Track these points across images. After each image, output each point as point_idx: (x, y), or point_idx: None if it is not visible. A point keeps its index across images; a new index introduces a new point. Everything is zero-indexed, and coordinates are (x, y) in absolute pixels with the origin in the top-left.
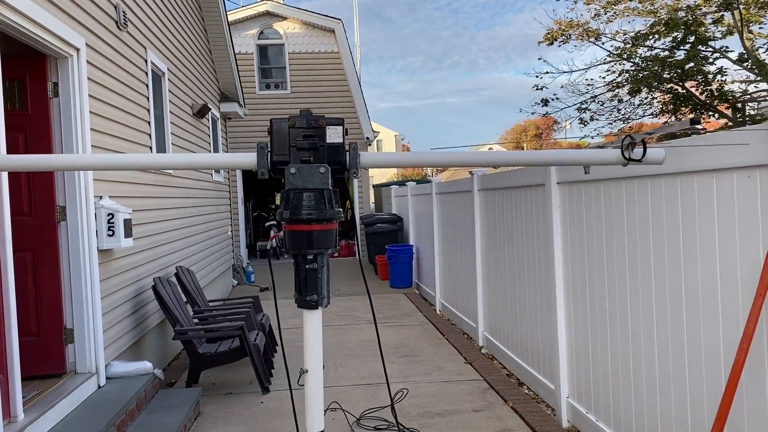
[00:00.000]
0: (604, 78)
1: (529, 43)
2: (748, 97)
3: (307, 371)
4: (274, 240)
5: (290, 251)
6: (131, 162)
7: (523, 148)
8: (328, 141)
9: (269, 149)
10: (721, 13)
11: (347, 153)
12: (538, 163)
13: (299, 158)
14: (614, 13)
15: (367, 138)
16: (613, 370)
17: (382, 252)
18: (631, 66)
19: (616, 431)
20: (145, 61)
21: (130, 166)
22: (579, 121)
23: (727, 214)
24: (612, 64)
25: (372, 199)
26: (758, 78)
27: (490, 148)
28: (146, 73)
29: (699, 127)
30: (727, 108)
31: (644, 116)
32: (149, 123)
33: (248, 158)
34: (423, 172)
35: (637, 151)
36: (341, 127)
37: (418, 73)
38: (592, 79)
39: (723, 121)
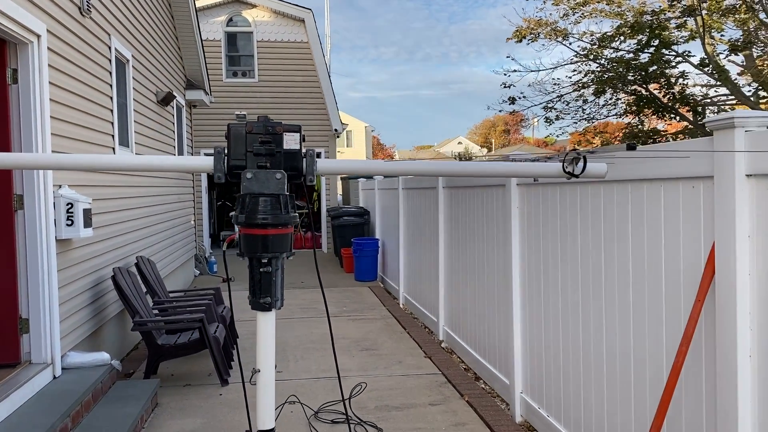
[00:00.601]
0: (570, 78)
1: (501, 38)
2: (709, 101)
3: (259, 371)
4: (232, 240)
5: (245, 254)
6: (88, 163)
7: (491, 143)
8: (285, 147)
9: (226, 154)
10: (685, 18)
11: (304, 159)
12: (488, 174)
13: (256, 163)
14: (582, 14)
15: (336, 130)
16: (565, 366)
17: (348, 245)
18: (597, 67)
19: (566, 427)
20: (109, 48)
21: (86, 167)
22: (545, 120)
23: (673, 221)
24: (578, 64)
25: (339, 191)
26: (718, 83)
27: (459, 142)
28: (110, 60)
29: (634, 151)
30: (688, 111)
31: (609, 116)
32: (112, 111)
33: (205, 162)
34: None
35: (581, 165)
36: (298, 134)
37: (390, 64)
38: (558, 79)
39: (684, 123)
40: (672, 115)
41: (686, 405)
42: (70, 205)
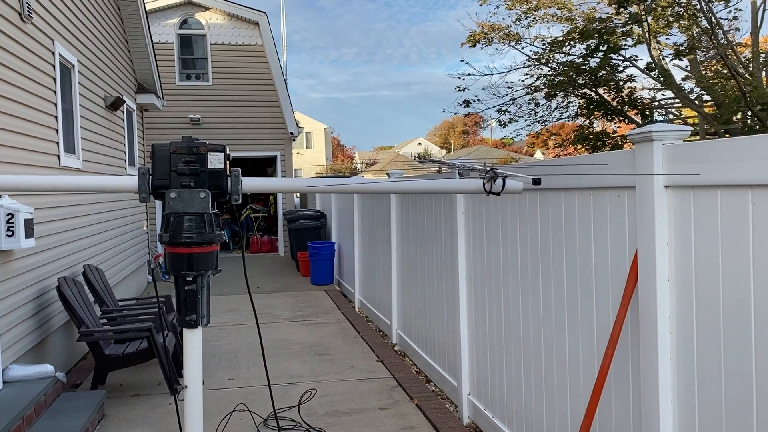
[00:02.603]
0: (523, 81)
1: (461, 40)
2: (656, 104)
3: (186, 387)
4: (158, 259)
5: (171, 272)
6: (10, 183)
7: (451, 144)
8: (209, 167)
9: (150, 173)
10: (631, 25)
11: (228, 179)
12: (414, 191)
13: (180, 183)
14: (534, 18)
15: (291, 133)
16: (507, 369)
17: (305, 248)
18: (549, 71)
19: (509, 427)
20: (53, 53)
21: (8, 186)
22: (498, 123)
23: (602, 228)
24: (530, 68)
25: (297, 194)
26: (663, 86)
27: (419, 143)
28: (53, 66)
29: (539, 186)
30: (636, 114)
31: (561, 119)
32: (56, 118)
33: (130, 182)
34: (353, 166)
35: (500, 183)
36: (222, 153)
37: (350, 65)
38: (512, 82)
39: (632, 126)
40: (621, 118)
41: (615, 404)
42: (10, 216)
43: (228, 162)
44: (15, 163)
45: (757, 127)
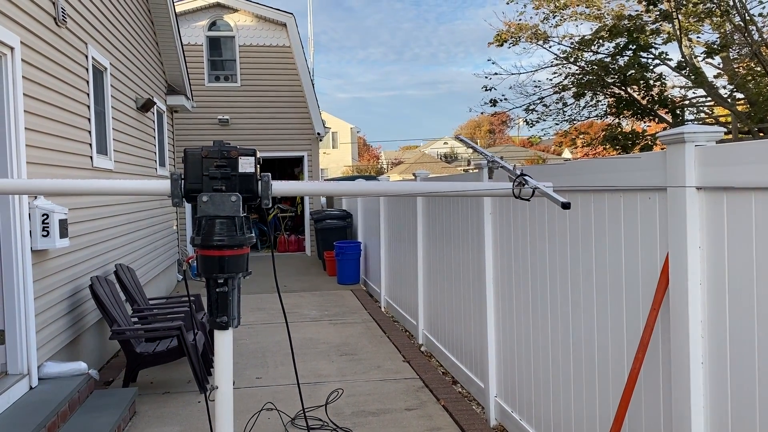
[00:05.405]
0: (551, 80)
1: (489, 38)
2: (687, 102)
3: (217, 388)
4: (190, 260)
5: (202, 275)
6: (38, 187)
7: (477, 143)
8: (240, 171)
9: (183, 178)
10: (661, 23)
11: (259, 183)
12: (442, 194)
13: (212, 187)
14: (562, 17)
15: (318, 133)
16: (535, 371)
17: (332, 248)
18: (577, 70)
19: (537, 431)
20: (86, 56)
21: (37, 191)
22: (525, 122)
23: (632, 231)
24: (558, 66)
25: None
26: (695, 84)
27: (445, 143)
28: (87, 69)
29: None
30: (666, 113)
31: (589, 118)
32: (89, 120)
33: (163, 185)
34: (379, 166)
35: (530, 190)
36: (253, 157)
37: (378, 65)
38: (539, 81)
39: (663, 125)
40: (651, 117)
41: (645, 410)
42: (45, 216)
43: (258, 166)
44: (50, 164)
45: None
